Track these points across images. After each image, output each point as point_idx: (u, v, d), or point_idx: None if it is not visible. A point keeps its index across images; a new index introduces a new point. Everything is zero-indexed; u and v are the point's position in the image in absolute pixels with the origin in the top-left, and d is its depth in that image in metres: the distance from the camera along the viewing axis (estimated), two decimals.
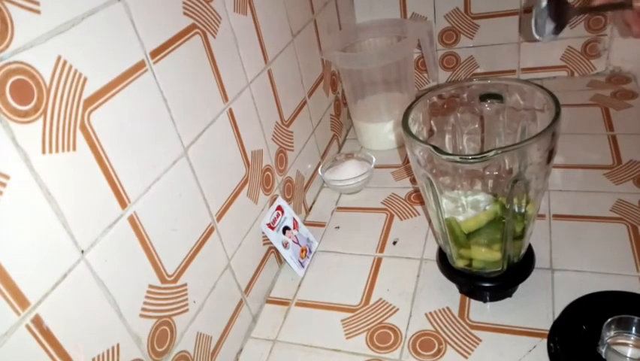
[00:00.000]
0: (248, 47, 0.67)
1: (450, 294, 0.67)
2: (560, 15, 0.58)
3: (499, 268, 0.62)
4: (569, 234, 0.71)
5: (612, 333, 0.54)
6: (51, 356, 0.39)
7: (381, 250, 0.76)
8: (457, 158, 0.52)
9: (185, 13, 0.54)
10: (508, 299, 0.65)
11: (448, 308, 0.65)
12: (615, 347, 0.53)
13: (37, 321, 0.38)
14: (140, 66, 0.47)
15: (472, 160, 0.52)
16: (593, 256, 0.67)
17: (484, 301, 0.65)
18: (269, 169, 0.74)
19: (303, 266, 0.76)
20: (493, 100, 0.62)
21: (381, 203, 0.86)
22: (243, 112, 0.66)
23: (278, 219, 0.74)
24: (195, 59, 0.56)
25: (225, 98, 0.62)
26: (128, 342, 0.47)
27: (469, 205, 0.63)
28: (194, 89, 0.56)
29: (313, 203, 0.90)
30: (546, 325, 0.59)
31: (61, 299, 0.39)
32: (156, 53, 0.49)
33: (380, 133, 0.98)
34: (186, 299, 0.55)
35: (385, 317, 0.66)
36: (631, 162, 0.80)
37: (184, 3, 0.54)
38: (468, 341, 0.61)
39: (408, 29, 0.95)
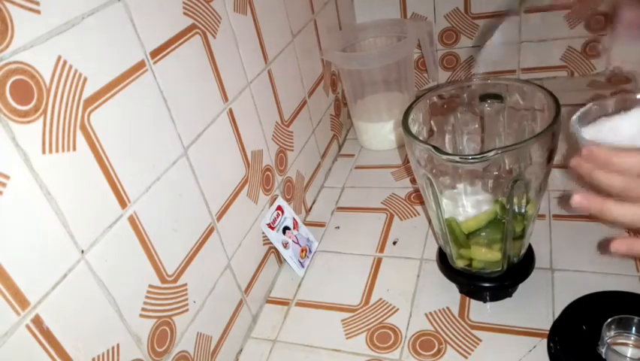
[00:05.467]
0: (248, 47, 0.67)
1: (450, 294, 0.67)
2: None
3: (499, 268, 0.62)
4: (569, 234, 0.71)
5: (612, 333, 0.54)
6: (51, 356, 0.39)
7: (381, 250, 0.76)
8: (457, 158, 0.52)
9: (185, 13, 0.54)
10: (508, 299, 0.65)
11: (448, 308, 0.65)
12: (615, 347, 0.53)
13: (37, 321, 0.38)
14: (140, 66, 0.47)
15: (472, 160, 0.52)
16: (593, 256, 0.67)
17: (484, 301, 0.65)
18: (269, 169, 0.74)
19: (303, 266, 0.76)
20: (493, 100, 0.62)
21: (381, 203, 0.86)
22: (243, 112, 0.66)
23: (278, 219, 0.74)
24: (195, 59, 0.56)
25: (225, 98, 0.62)
26: (128, 342, 0.47)
27: (469, 205, 0.63)
28: (194, 89, 0.56)
29: (313, 203, 0.90)
30: (546, 325, 0.59)
31: (61, 299, 0.39)
32: (156, 53, 0.49)
33: (380, 133, 0.98)
34: (186, 299, 0.55)
35: (385, 317, 0.66)
36: None
37: (184, 3, 0.54)
38: (468, 341, 0.61)
39: (408, 29, 0.95)
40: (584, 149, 0.42)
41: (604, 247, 0.68)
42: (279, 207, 0.75)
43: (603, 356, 0.53)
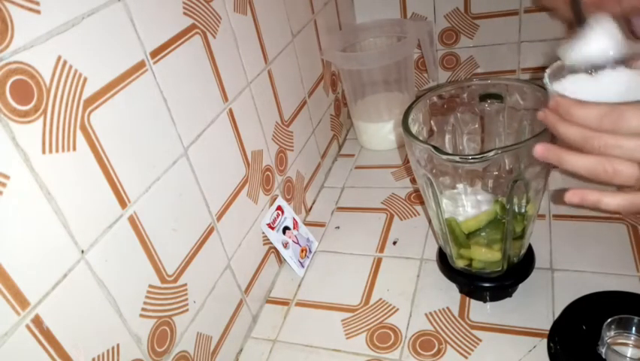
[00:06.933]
0: (248, 47, 0.67)
1: (450, 294, 0.67)
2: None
3: (499, 268, 0.62)
4: (569, 234, 0.71)
5: (612, 333, 0.54)
6: (51, 356, 0.39)
7: (381, 250, 0.76)
8: (457, 158, 0.52)
9: (185, 13, 0.54)
10: (508, 299, 0.65)
11: (448, 308, 0.65)
12: (615, 347, 0.53)
13: (37, 321, 0.38)
14: (140, 66, 0.47)
15: (472, 160, 0.52)
16: (593, 256, 0.67)
17: (484, 301, 0.65)
18: (269, 169, 0.74)
19: (303, 266, 0.76)
20: (493, 100, 0.62)
21: (381, 203, 0.86)
22: (243, 112, 0.66)
23: (278, 219, 0.74)
24: (195, 59, 0.56)
25: (225, 98, 0.62)
26: (128, 342, 0.47)
27: (469, 205, 0.63)
28: (194, 89, 0.56)
29: (313, 203, 0.90)
30: (546, 325, 0.59)
31: (61, 299, 0.39)
32: (156, 53, 0.49)
33: (380, 133, 0.98)
34: (186, 299, 0.55)
35: (385, 316, 0.66)
36: None
37: (184, 3, 0.54)
38: (468, 341, 0.61)
39: (408, 29, 0.95)
40: (551, 99, 0.44)
41: (559, 197, 0.68)
42: (279, 207, 0.75)
43: (603, 356, 0.53)
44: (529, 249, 0.65)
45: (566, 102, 0.42)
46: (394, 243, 0.77)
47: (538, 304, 0.63)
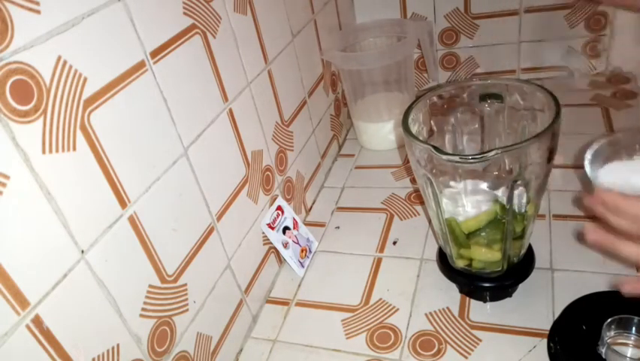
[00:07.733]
0: (248, 47, 0.67)
1: (450, 294, 0.67)
2: None
3: (499, 268, 0.62)
4: (569, 234, 0.71)
5: (612, 333, 0.54)
6: (51, 356, 0.39)
7: (381, 250, 0.76)
8: (457, 158, 0.52)
9: (185, 13, 0.54)
10: (508, 299, 0.65)
11: (448, 308, 0.65)
12: (615, 347, 0.53)
13: (37, 321, 0.38)
14: (140, 66, 0.47)
15: (472, 160, 0.52)
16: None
17: (484, 301, 0.65)
18: (269, 169, 0.74)
19: (303, 266, 0.76)
20: (493, 100, 0.62)
21: (381, 203, 0.86)
22: (243, 112, 0.66)
23: (278, 219, 0.74)
24: (195, 59, 0.56)
25: (225, 98, 0.62)
26: (128, 342, 0.47)
27: (469, 205, 0.63)
28: (194, 89, 0.56)
29: (313, 203, 0.90)
30: (546, 325, 0.59)
31: (61, 299, 0.39)
32: (156, 53, 0.49)
33: (380, 133, 0.98)
34: (186, 299, 0.55)
35: (385, 316, 0.66)
36: None
37: (184, 3, 0.54)
38: (468, 341, 0.61)
39: (408, 29, 0.95)
40: (597, 193, 0.45)
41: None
42: (279, 207, 0.75)
43: (603, 356, 0.53)
44: (529, 249, 0.65)
45: (612, 199, 0.44)
46: (394, 243, 0.77)
47: (538, 304, 0.63)
